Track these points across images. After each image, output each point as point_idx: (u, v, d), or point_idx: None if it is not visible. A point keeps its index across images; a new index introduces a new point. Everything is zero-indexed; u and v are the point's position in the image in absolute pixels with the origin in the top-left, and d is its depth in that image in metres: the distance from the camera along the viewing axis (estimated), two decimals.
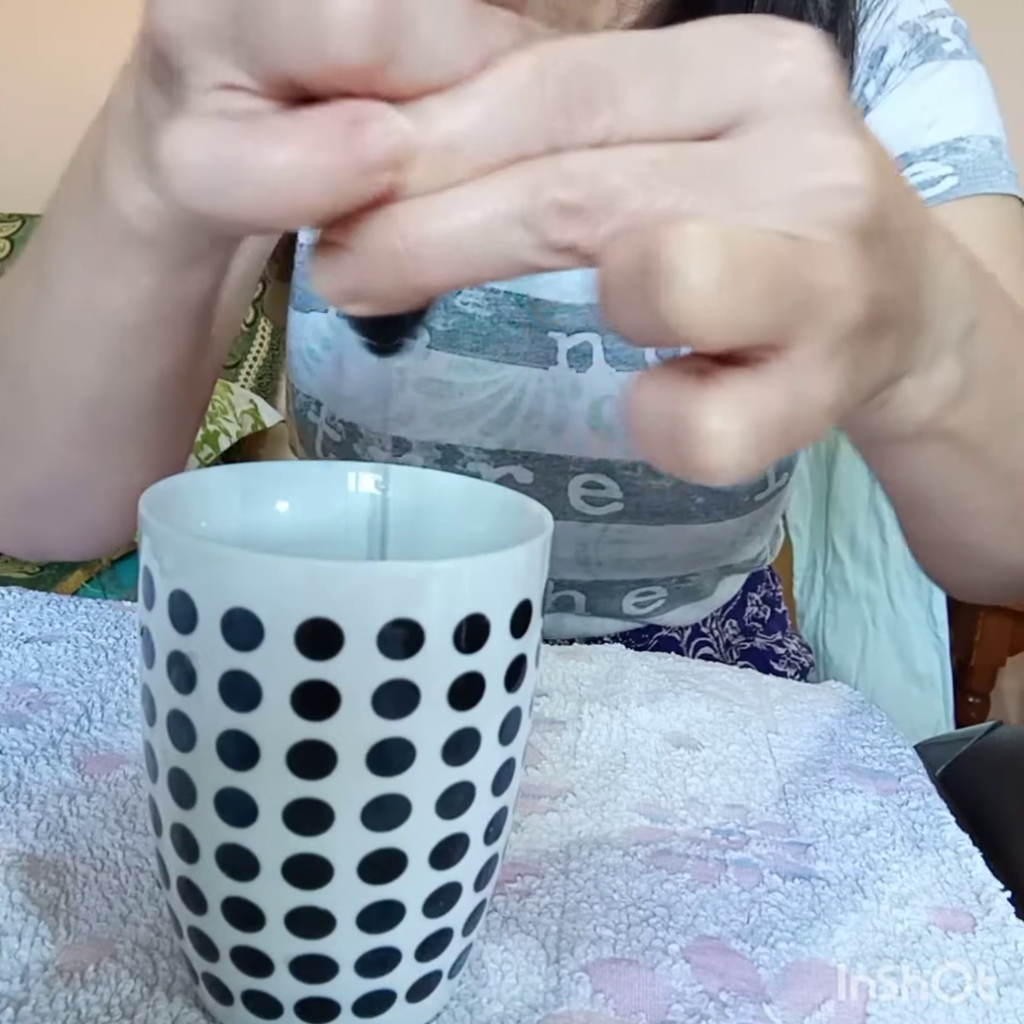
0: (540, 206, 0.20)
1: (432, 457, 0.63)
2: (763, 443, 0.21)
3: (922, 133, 0.56)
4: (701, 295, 0.19)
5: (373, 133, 0.20)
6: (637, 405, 0.21)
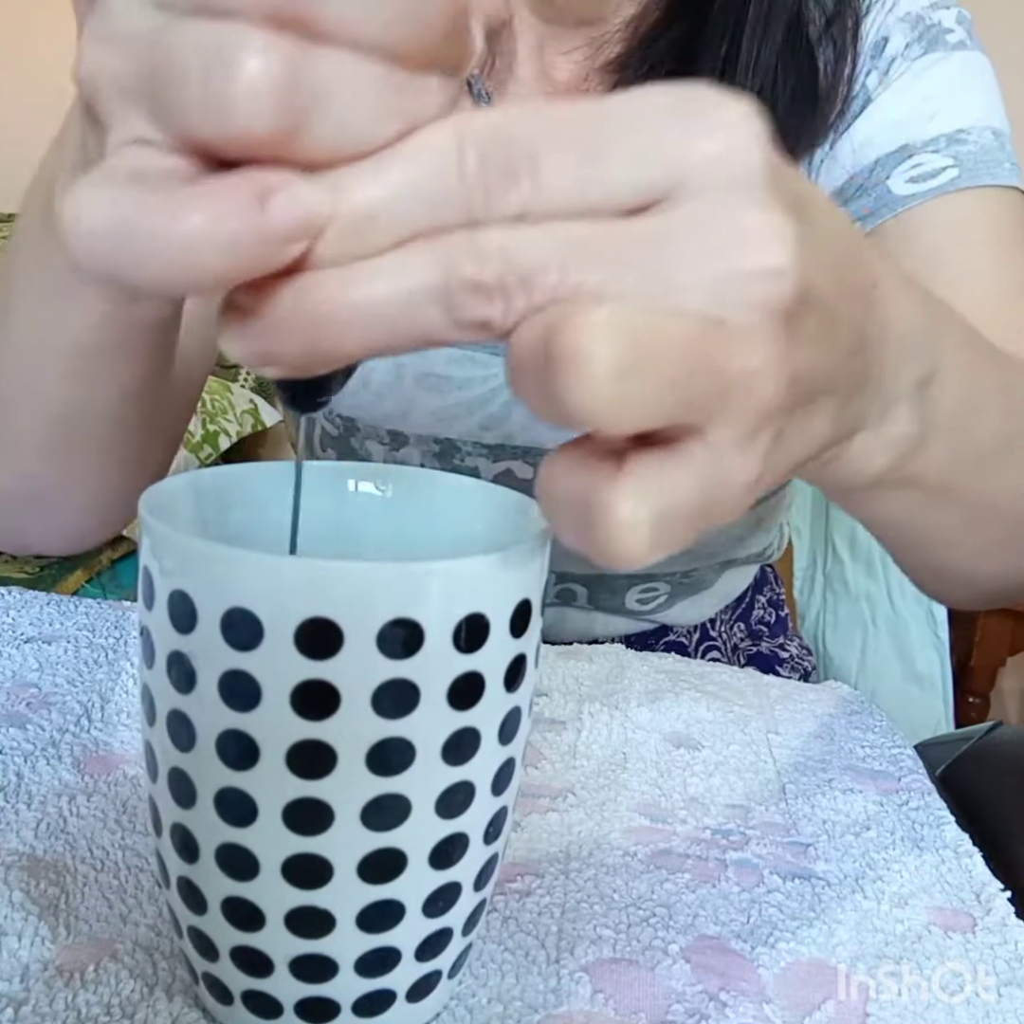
0: (453, 284, 0.20)
1: (430, 451, 0.63)
2: (676, 528, 0.20)
3: (923, 124, 0.56)
4: (601, 384, 0.18)
5: (281, 203, 0.19)
6: (548, 485, 0.21)
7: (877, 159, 0.56)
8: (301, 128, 0.19)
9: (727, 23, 0.54)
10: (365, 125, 0.20)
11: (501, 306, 0.20)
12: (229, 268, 0.19)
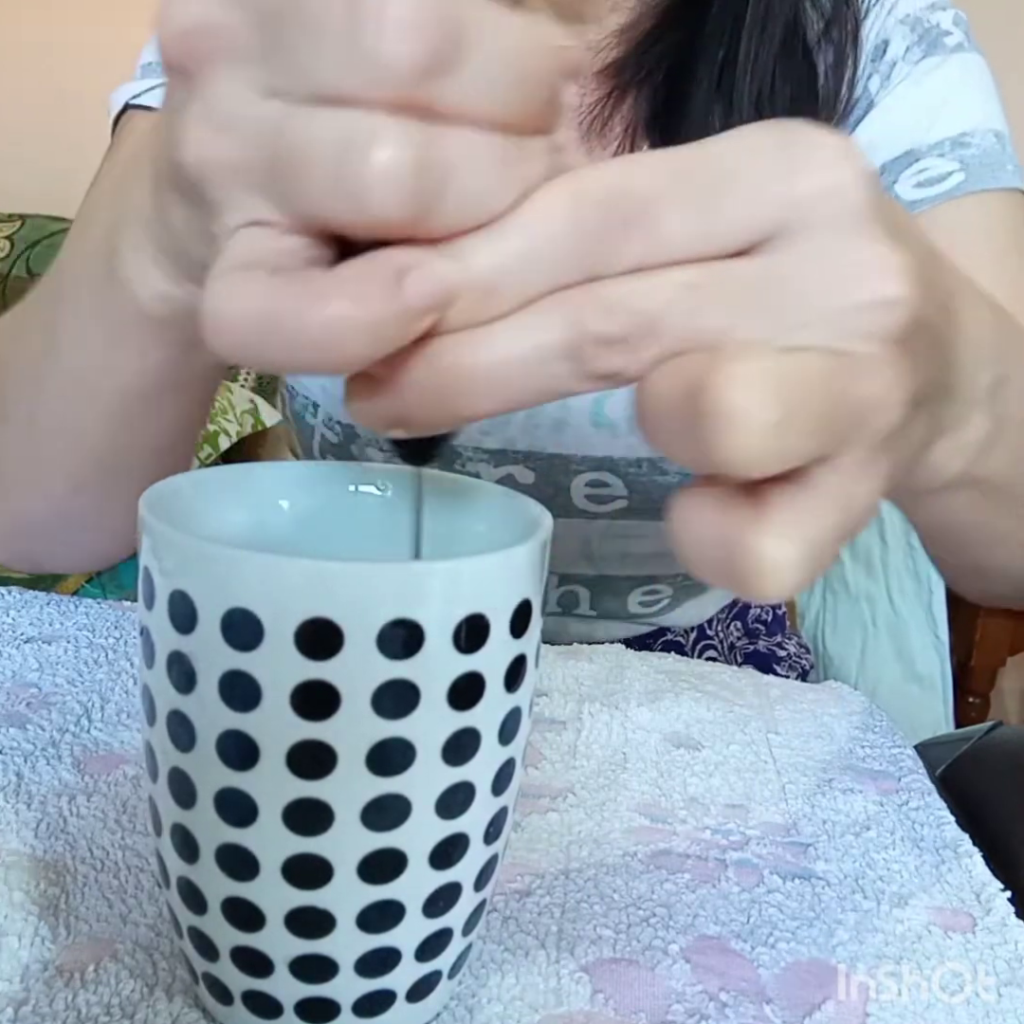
0: (581, 339, 0.20)
1: None
2: (819, 557, 0.20)
3: (927, 129, 0.56)
4: (759, 436, 0.19)
5: (415, 282, 0.20)
6: (687, 529, 0.21)
7: (883, 164, 0.56)
8: (430, 208, 0.20)
9: (724, 27, 0.54)
10: (487, 196, 0.20)
11: (630, 355, 0.21)
12: (372, 349, 0.20)
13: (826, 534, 0.21)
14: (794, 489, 0.21)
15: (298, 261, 0.21)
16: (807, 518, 0.20)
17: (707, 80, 0.54)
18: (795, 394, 0.19)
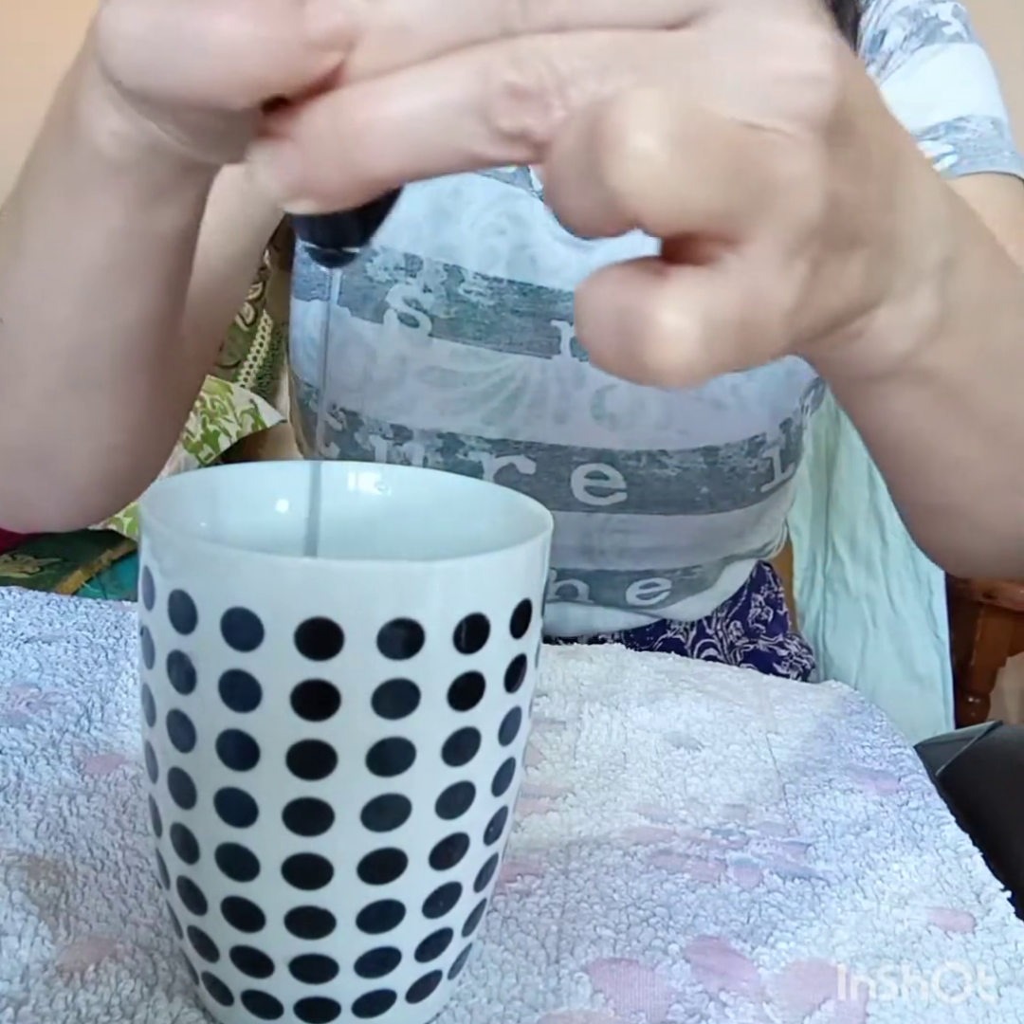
0: (491, 91, 0.20)
1: (433, 446, 0.63)
2: (718, 343, 0.20)
3: (923, 114, 0.56)
4: (651, 161, 0.18)
5: (319, 6, 0.19)
6: (588, 299, 0.20)
7: None
8: None
9: None
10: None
11: (540, 112, 0.20)
12: (269, 71, 0.19)
13: (726, 319, 0.20)
14: (700, 270, 0.20)
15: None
16: (710, 296, 0.20)
17: None
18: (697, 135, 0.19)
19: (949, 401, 0.36)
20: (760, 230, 0.20)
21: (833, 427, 0.93)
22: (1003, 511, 0.45)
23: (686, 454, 0.61)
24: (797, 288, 0.22)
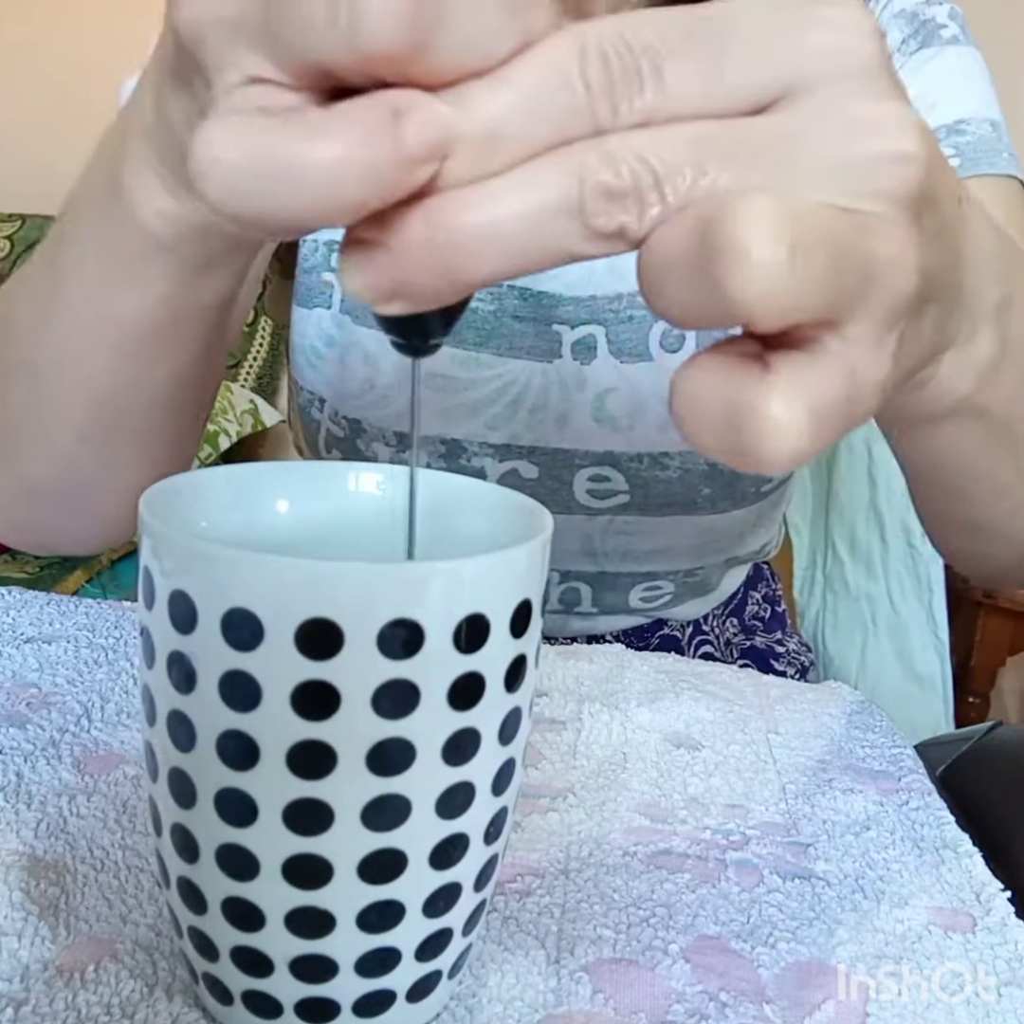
0: (586, 192, 0.20)
1: (436, 452, 0.63)
2: (824, 427, 0.20)
3: (923, 116, 0.56)
4: (769, 272, 0.18)
5: (415, 124, 0.19)
6: (690, 391, 0.20)
7: None
8: (427, 46, 0.19)
9: None
10: (489, 39, 0.20)
11: (636, 210, 0.20)
12: (368, 193, 0.19)
13: (831, 403, 0.20)
14: (802, 355, 0.20)
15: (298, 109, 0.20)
16: (814, 384, 0.20)
17: None
18: (806, 233, 0.19)
19: (998, 432, 0.37)
20: (860, 311, 0.21)
21: None
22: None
23: (688, 456, 0.61)
24: (891, 359, 0.22)
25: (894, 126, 0.21)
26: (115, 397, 0.43)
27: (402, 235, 0.20)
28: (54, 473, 0.48)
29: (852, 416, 0.21)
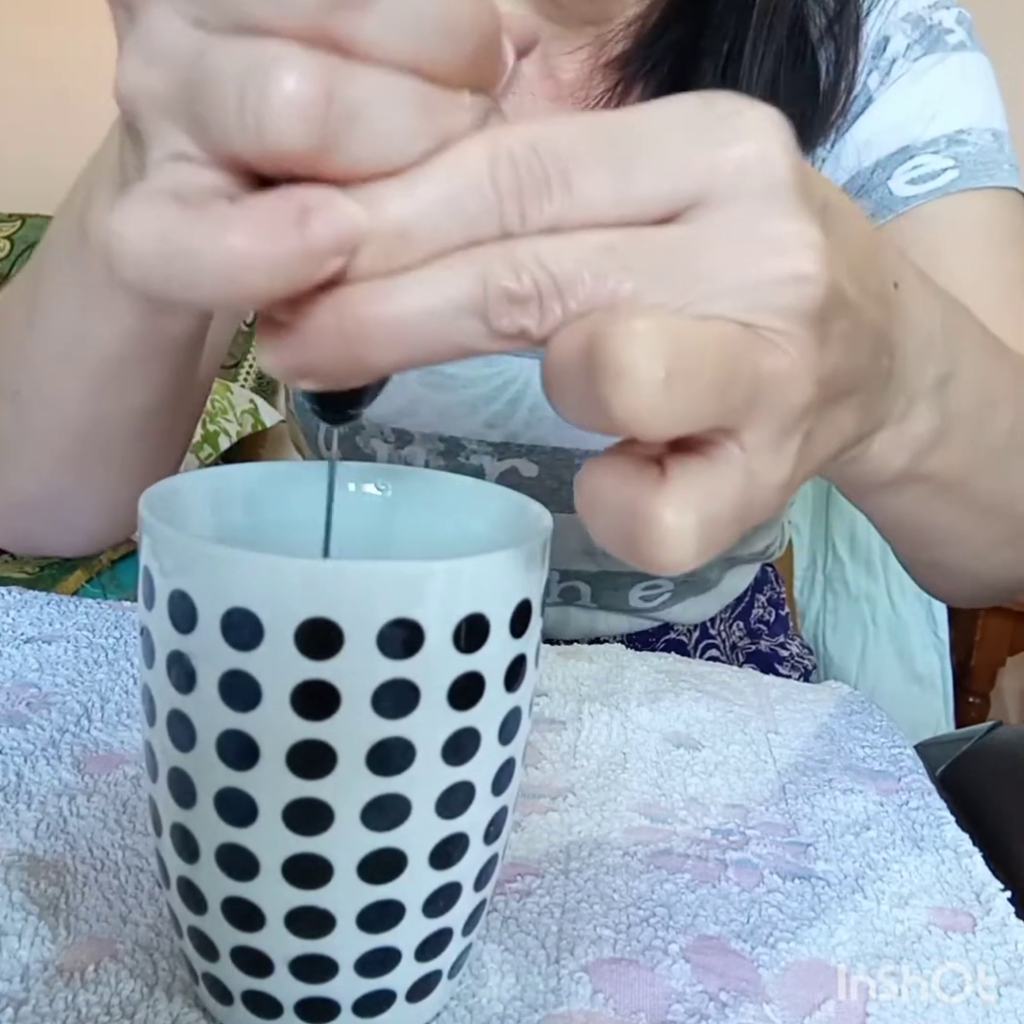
0: (490, 295, 0.20)
1: (435, 450, 0.63)
2: (718, 532, 0.21)
3: (924, 125, 0.56)
4: (647, 393, 0.19)
5: (321, 221, 0.19)
6: (589, 490, 0.21)
7: (878, 160, 0.56)
8: (337, 144, 0.19)
9: (729, 22, 0.54)
10: (400, 141, 0.20)
11: (537, 315, 0.20)
12: (273, 285, 0.19)
13: (727, 508, 0.21)
14: (697, 461, 0.21)
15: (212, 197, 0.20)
16: (709, 490, 0.21)
17: (711, 74, 0.54)
18: (690, 356, 0.19)
19: (948, 492, 0.37)
20: (755, 423, 0.21)
21: None
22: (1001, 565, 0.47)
23: None
24: (791, 461, 0.22)
25: (796, 245, 0.21)
26: (91, 424, 0.45)
27: (311, 321, 0.20)
28: (35, 488, 0.50)
29: (748, 518, 0.22)
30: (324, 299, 0.20)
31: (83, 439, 0.46)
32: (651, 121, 0.21)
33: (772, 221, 0.21)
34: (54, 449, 0.47)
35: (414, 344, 0.21)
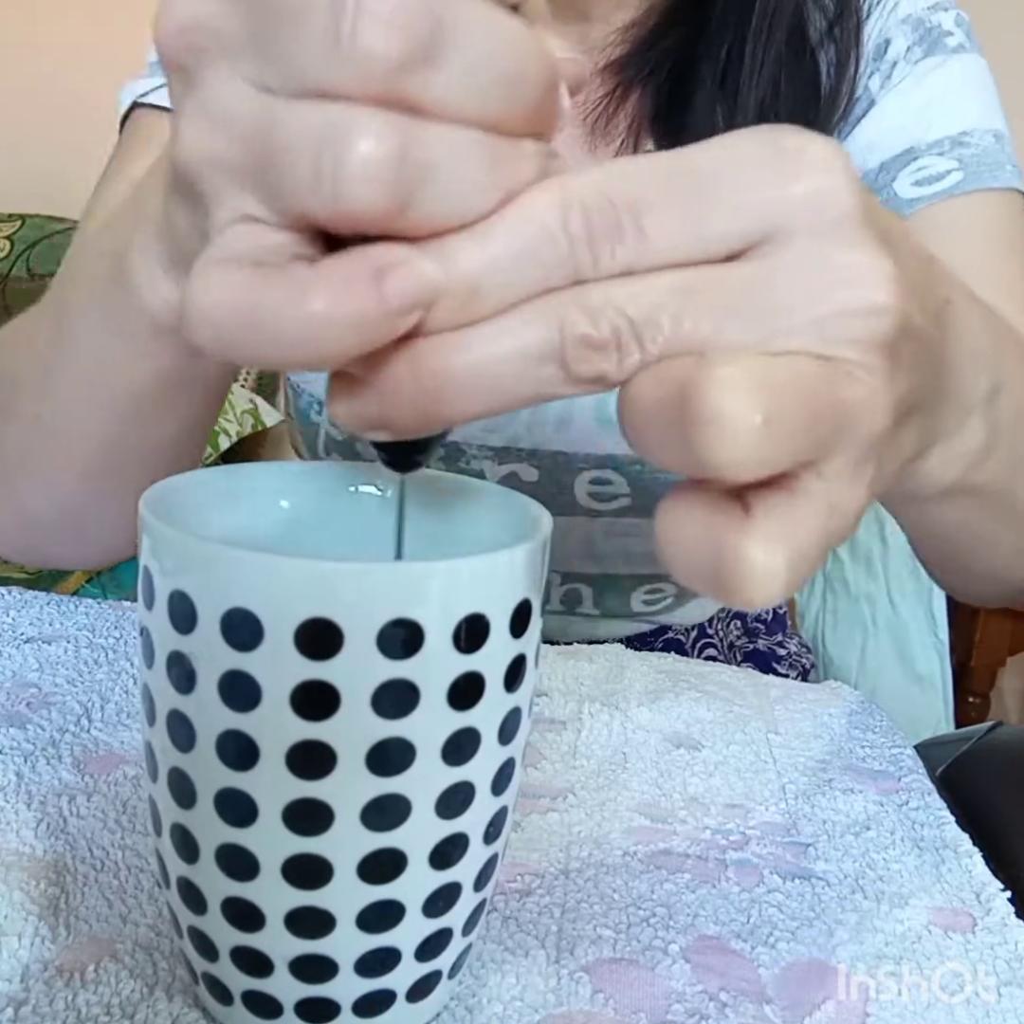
0: (567, 342, 0.20)
1: (435, 454, 0.63)
2: (803, 564, 0.21)
3: (927, 127, 0.56)
4: (745, 440, 0.19)
5: (397, 280, 0.19)
6: (675, 530, 0.21)
7: (882, 163, 0.57)
8: (411, 203, 0.20)
9: (728, 25, 0.54)
10: (471, 195, 0.20)
11: (616, 359, 0.21)
12: (351, 346, 0.20)
13: (812, 540, 0.21)
14: (781, 495, 0.21)
15: (284, 259, 0.20)
16: (794, 525, 0.21)
17: (711, 78, 0.54)
18: (781, 397, 0.19)
19: (991, 503, 0.37)
20: (836, 453, 0.21)
21: None
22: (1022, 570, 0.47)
23: None
24: (868, 487, 0.23)
25: (868, 278, 0.21)
26: (115, 451, 0.45)
27: (387, 375, 0.21)
28: (51, 507, 0.49)
29: (830, 546, 0.22)
30: (400, 352, 0.20)
31: (103, 464, 0.45)
32: (718, 159, 0.21)
33: (844, 253, 0.21)
34: (73, 472, 0.46)
35: (492, 394, 0.21)
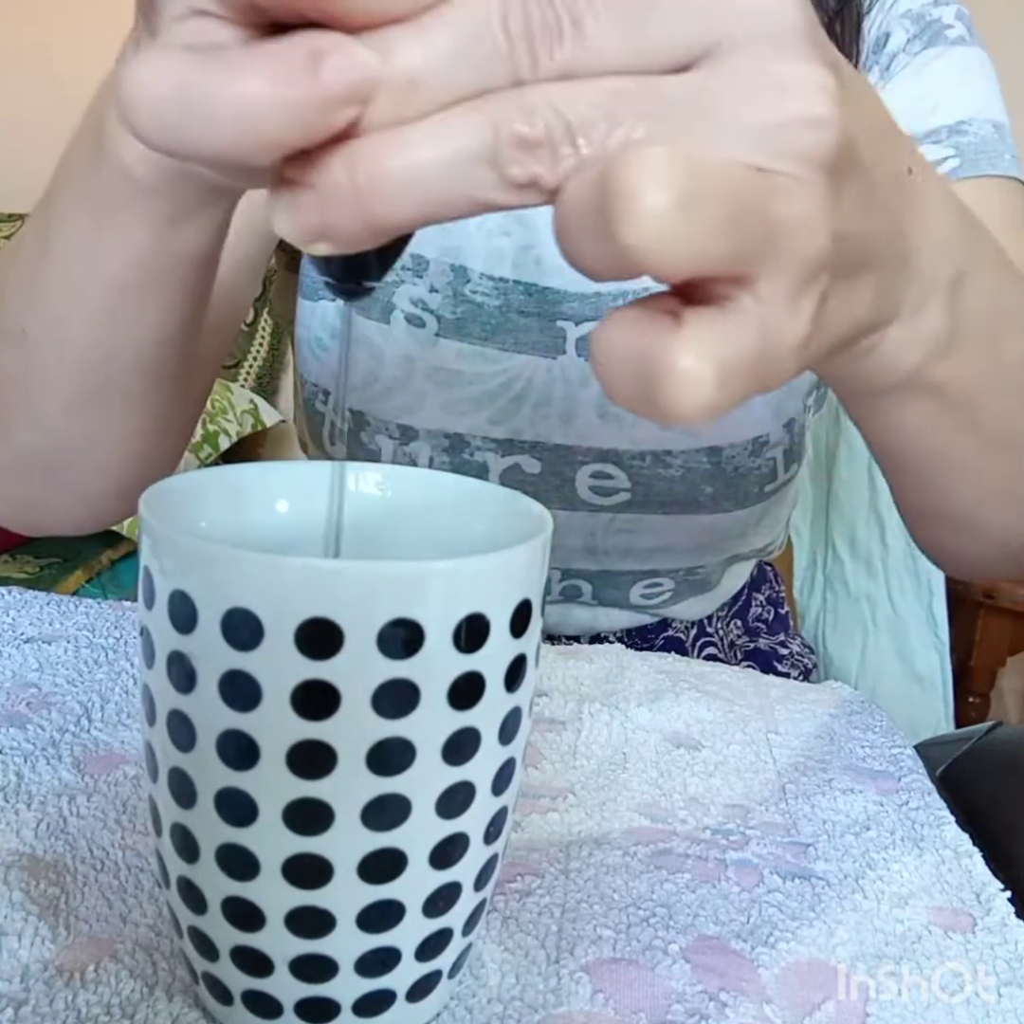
0: (502, 141, 0.20)
1: (439, 446, 0.63)
2: (733, 382, 0.20)
3: (925, 117, 0.56)
4: (661, 217, 0.18)
5: (334, 66, 0.19)
6: (605, 342, 0.21)
7: None
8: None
9: None
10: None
11: (549, 161, 0.20)
12: (288, 130, 0.19)
13: (743, 358, 0.21)
14: (714, 311, 0.21)
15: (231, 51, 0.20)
16: (724, 339, 0.20)
17: None
18: (705, 187, 0.19)
19: (956, 412, 0.36)
20: (769, 269, 0.21)
21: (833, 427, 0.93)
22: (1004, 517, 0.46)
23: (690, 454, 0.61)
24: (807, 321, 0.22)
25: (809, 89, 0.21)
26: (100, 362, 0.44)
27: (324, 176, 0.20)
28: (41, 443, 0.48)
29: (765, 374, 0.21)
30: (337, 152, 0.20)
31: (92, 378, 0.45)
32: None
33: (785, 64, 0.21)
34: (62, 393, 0.46)
35: (426, 196, 0.20)
